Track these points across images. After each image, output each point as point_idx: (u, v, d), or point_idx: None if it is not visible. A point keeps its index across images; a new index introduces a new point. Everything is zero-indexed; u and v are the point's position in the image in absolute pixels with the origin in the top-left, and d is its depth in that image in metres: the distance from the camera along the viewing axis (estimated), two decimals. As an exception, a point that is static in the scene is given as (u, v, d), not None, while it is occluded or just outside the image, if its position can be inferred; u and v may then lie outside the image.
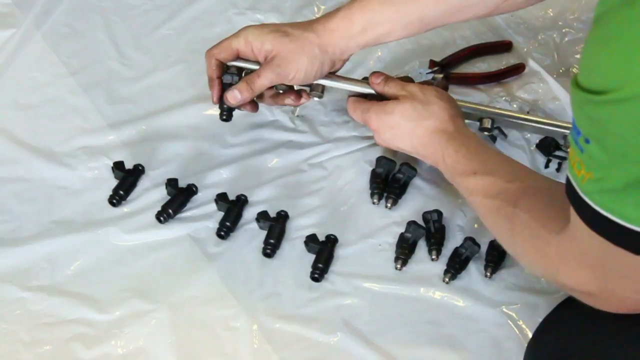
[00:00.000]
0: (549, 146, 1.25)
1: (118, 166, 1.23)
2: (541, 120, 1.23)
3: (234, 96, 1.14)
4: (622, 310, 0.86)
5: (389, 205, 1.21)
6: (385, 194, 1.22)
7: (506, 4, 1.13)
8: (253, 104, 1.20)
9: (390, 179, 1.23)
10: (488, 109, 1.23)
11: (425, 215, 1.19)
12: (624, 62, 0.67)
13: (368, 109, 1.15)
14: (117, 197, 1.20)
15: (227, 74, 1.15)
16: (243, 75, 1.16)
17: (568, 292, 0.90)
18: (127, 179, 1.22)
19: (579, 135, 0.74)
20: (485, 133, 1.22)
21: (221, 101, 1.16)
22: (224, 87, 1.16)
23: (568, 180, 0.78)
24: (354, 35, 1.13)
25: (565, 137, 1.20)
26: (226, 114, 1.17)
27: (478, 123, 1.22)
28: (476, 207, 1.04)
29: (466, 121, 1.15)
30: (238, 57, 1.16)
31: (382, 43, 1.18)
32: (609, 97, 0.68)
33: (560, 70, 1.38)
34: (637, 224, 0.73)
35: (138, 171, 1.23)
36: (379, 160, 1.23)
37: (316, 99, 1.20)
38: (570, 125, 1.16)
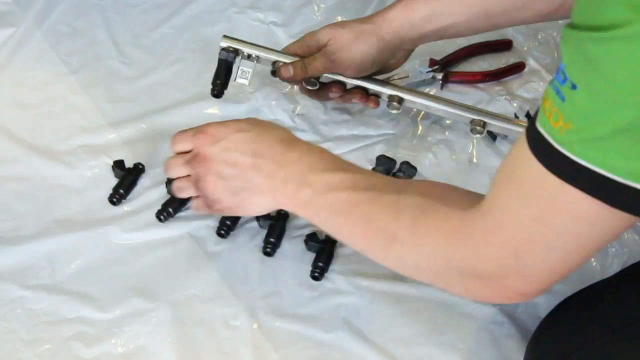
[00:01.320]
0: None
1: (118, 165, 1.23)
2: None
3: (287, 70, 1.18)
4: (510, 299, 0.83)
5: (389, 204, 1.21)
6: (385, 193, 1.21)
7: (570, 2, 1.10)
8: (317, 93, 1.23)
9: (390, 177, 1.23)
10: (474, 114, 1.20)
11: (426, 214, 1.18)
12: None
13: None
14: (117, 196, 1.20)
15: (223, 51, 1.21)
16: (239, 56, 1.21)
17: (456, 277, 0.86)
18: (127, 177, 1.22)
19: (565, 83, 0.71)
20: (478, 135, 1.21)
21: (215, 77, 1.22)
22: (218, 63, 1.22)
23: (535, 134, 0.74)
24: (415, 24, 1.12)
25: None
26: (217, 89, 1.23)
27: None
28: (335, 202, 0.94)
29: (458, 122, 1.13)
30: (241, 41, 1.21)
31: (444, 38, 1.17)
32: (612, 33, 0.66)
33: (561, 69, 1.38)
34: (619, 174, 0.70)
35: (138, 170, 1.23)
36: (379, 159, 1.23)
37: (310, 87, 1.19)
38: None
